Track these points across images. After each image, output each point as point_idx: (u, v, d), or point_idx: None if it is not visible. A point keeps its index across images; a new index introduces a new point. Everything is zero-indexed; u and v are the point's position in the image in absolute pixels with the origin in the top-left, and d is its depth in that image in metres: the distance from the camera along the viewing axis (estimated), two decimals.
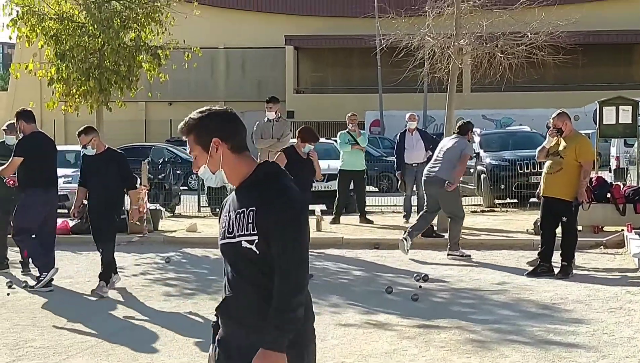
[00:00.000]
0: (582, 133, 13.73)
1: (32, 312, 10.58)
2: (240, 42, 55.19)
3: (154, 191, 20.63)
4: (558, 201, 12.26)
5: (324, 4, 54.97)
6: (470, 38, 17.11)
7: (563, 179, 12.16)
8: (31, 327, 9.79)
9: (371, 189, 25.61)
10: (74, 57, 17.48)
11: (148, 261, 14.50)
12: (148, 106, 54.94)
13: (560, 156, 12.22)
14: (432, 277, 12.37)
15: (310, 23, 54.53)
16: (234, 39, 55.21)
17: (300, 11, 55.33)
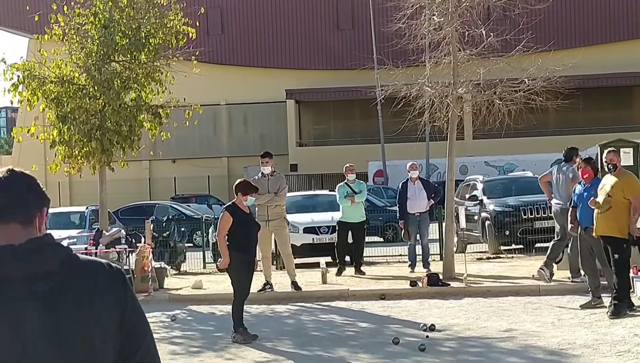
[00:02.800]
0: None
1: None
2: (241, 97, 55.57)
3: (158, 249, 20.65)
4: (610, 239, 12.41)
5: (323, 58, 55.41)
6: (469, 86, 17.24)
7: (614, 217, 12.32)
8: None
9: (376, 240, 25.59)
10: (76, 119, 17.59)
11: (154, 320, 14.46)
12: (152, 164, 55.17)
13: (608, 195, 12.36)
14: (438, 326, 12.32)
15: (310, 76, 54.94)
16: (235, 95, 55.59)
17: (300, 65, 55.78)
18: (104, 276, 2.79)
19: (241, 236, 12.05)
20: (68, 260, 2.73)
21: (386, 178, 46.48)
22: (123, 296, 2.81)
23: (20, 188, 2.85)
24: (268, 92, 54.60)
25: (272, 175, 16.17)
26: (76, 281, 2.72)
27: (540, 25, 27.99)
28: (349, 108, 56.13)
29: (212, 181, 52.53)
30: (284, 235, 16.28)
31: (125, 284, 2.84)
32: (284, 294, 16.06)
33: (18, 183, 2.87)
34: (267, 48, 56.07)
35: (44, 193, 2.97)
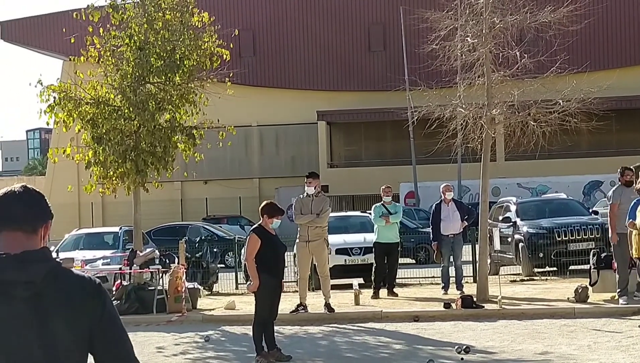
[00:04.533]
0: None
1: None
2: (273, 119, 55.76)
3: (191, 269, 20.70)
4: None
5: (355, 79, 55.49)
6: (502, 107, 17.18)
7: None
8: None
9: (408, 261, 25.51)
10: (111, 140, 17.74)
11: (187, 340, 14.49)
12: (184, 185, 55.40)
13: None
14: (473, 349, 12.25)
15: (342, 98, 55.03)
16: (266, 116, 55.79)
17: (332, 87, 55.89)
18: (81, 289, 3.23)
19: (269, 258, 12.01)
20: (51, 273, 3.18)
21: (418, 200, 46.37)
22: (95, 307, 3.23)
23: (31, 202, 3.30)
24: (299, 114, 54.74)
25: (316, 196, 16.18)
26: (53, 292, 3.17)
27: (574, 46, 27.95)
28: (380, 129, 56.13)
29: (243, 202, 52.65)
30: (323, 257, 16.26)
31: (100, 297, 3.26)
32: (317, 315, 16.04)
33: (29, 198, 3.31)
34: (298, 70, 56.28)
35: (49, 208, 3.41)
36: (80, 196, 52.22)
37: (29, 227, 3.26)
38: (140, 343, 14.25)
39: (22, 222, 3.25)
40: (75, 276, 3.29)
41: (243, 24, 51.20)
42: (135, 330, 15.70)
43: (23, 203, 3.28)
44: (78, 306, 3.20)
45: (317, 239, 16.03)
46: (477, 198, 35.16)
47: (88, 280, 3.30)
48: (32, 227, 3.26)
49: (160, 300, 17.34)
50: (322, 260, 16.27)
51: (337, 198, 48.84)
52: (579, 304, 15.62)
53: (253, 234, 12.25)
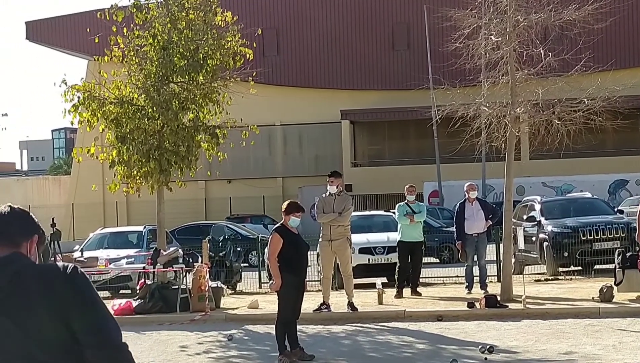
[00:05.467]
0: None
1: None
2: (296, 118, 55.78)
3: (215, 268, 20.73)
4: None
5: (378, 78, 55.42)
6: (527, 106, 17.08)
7: None
8: None
9: (432, 261, 25.44)
10: (135, 140, 17.79)
11: (211, 339, 14.51)
12: (208, 185, 55.57)
13: None
14: (497, 348, 12.19)
15: (365, 97, 54.98)
16: (290, 116, 55.83)
17: (355, 86, 55.84)
18: (46, 282, 3.40)
19: (292, 257, 12.00)
20: (17, 276, 3.39)
21: (442, 199, 46.26)
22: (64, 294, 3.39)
23: (11, 219, 3.54)
24: (323, 113, 54.74)
25: (338, 195, 16.16)
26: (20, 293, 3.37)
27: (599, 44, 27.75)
28: (404, 128, 56.04)
29: (267, 201, 52.70)
30: (346, 256, 16.23)
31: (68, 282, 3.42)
32: (340, 315, 16.02)
33: (10, 216, 3.56)
34: (322, 69, 56.27)
35: (35, 224, 3.65)
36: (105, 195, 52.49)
37: (7, 241, 3.48)
38: (164, 342, 14.29)
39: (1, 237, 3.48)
40: (40, 270, 3.45)
41: (266, 23, 51.27)
42: (158, 329, 15.75)
43: (4, 221, 3.53)
44: (47, 299, 3.38)
45: (340, 238, 16.01)
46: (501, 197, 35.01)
47: (54, 270, 3.47)
48: (11, 241, 3.50)
49: (184, 299, 17.38)
50: (345, 259, 16.24)
51: (361, 197, 48.79)
52: (604, 304, 15.51)
53: (275, 233, 12.24)
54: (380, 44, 55.92)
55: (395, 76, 54.15)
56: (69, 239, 44.58)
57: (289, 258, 11.98)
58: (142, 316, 16.86)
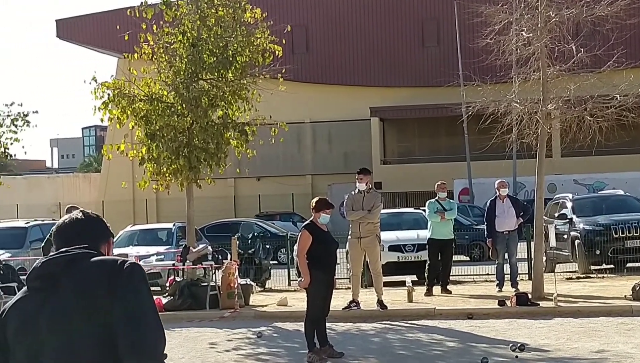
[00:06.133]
0: None
1: None
2: (325, 115, 55.71)
3: (244, 266, 20.72)
4: None
5: (408, 75, 55.22)
6: (558, 102, 16.93)
7: None
8: None
9: (462, 258, 25.29)
10: (164, 137, 17.82)
11: (240, 336, 14.50)
12: (236, 182, 55.64)
13: None
14: (528, 347, 12.08)
15: (395, 94, 54.80)
16: (319, 113, 55.76)
17: (385, 83, 55.66)
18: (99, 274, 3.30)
19: (321, 254, 11.95)
20: (70, 262, 3.34)
21: (472, 196, 46.03)
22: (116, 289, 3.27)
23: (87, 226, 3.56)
24: (352, 110, 54.62)
25: (367, 192, 16.08)
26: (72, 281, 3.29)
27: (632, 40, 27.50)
28: (433, 125, 55.82)
29: (296, 198, 52.68)
30: (375, 253, 16.14)
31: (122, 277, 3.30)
32: (369, 312, 15.95)
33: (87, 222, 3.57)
34: (351, 66, 56.14)
35: (108, 228, 3.66)
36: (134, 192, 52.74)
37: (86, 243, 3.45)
38: (193, 338, 14.30)
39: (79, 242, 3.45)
40: (97, 263, 3.36)
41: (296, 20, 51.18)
42: (188, 325, 15.76)
43: (81, 226, 3.53)
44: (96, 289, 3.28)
45: (369, 235, 15.92)
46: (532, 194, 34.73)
47: (111, 259, 3.39)
48: (90, 244, 3.46)
49: (213, 296, 17.39)
50: (374, 256, 16.16)
51: (390, 195, 48.66)
52: (637, 302, 15.33)
53: (304, 230, 12.19)
54: (410, 40, 55.72)
55: (425, 72, 53.91)
56: None
57: (319, 255, 11.93)
58: (172, 313, 16.88)
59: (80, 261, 3.36)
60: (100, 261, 3.37)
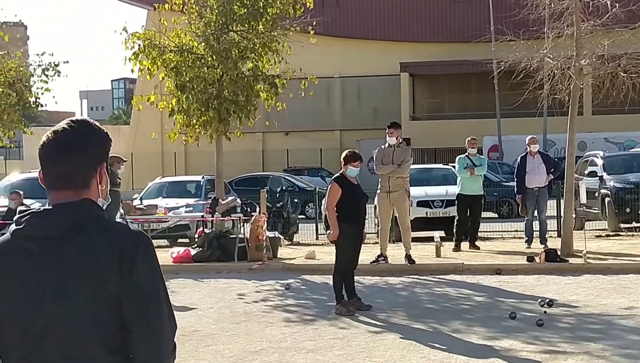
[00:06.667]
0: None
1: None
2: (355, 70, 55.43)
3: (272, 219, 20.78)
4: None
5: (439, 30, 54.74)
6: (592, 58, 16.71)
7: None
8: None
9: (491, 215, 25.23)
10: (194, 89, 17.80)
11: (268, 288, 14.57)
12: (265, 137, 55.66)
13: None
14: (557, 302, 12.05)
15: (426, 49, 54.37)
16: (348, 68, 55.48)
17: (415, 38, 55.22)
18: (110, 248, 2.83)
19: (350, 207, 11.93)
20: (77, 227, 2.84)
21: (501, 153, 45.79)
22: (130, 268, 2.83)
23: (77, 151, 2.91)
24: (382, 66, 54.30)
25: (398, 146, 16.00)
26: (76, 249, 2.83)
27: None
28: (464, 81, 55.40)
29: (324, 154, 52.66)
30: (404, 208, 16.09)
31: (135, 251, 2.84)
32: (397, 267, 15.96)
33: (77, 140, 2.92)
34: (382, 21, 55.71)
35: (104, 143, 3.00)
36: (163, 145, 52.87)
37: (75, 185, 2.91)
38: (222, 289, 14.38)
39: (69, 180, 2.90)
40: (105, 228, 2.89)
41: None
42: (216, 277, 15.86)
43: (71, 149, 2.90)
44: (104, 265, 2.83)
45: (399, 190, 15.87)
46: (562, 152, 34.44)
47: (123, 230, 2.91)
48: (79, 184, 2.91)
49: (242, 248, 17.46)
50: (403, 211, 16.12)
51: (419, 151, 48.49)
52: None
53: (334, 183, 12.17)
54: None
55: (456, 27, 53.40)
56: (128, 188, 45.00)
57: (348, 208, 11.91)
58: (201, 264, 16.98)
59: (85, 228, 2.85)
60: (111, 232, 2.87)
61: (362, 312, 11.88)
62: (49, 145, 2.91)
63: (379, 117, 52.34)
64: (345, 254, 12.06)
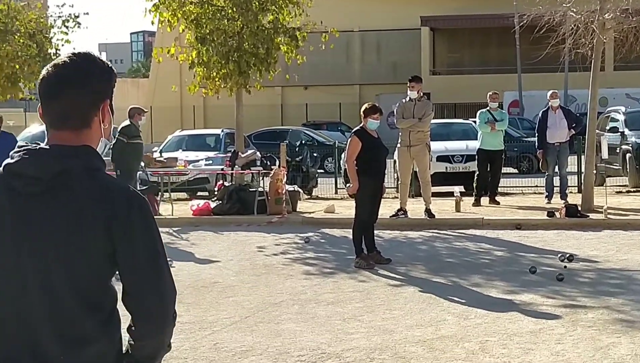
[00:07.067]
0: None
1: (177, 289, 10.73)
2: (375, 24, 55.03)
3: (291, 173, 20.78)
4: None
5: None
6: (616, 12, 16.51)
7: None
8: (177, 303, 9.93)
9: (511, 171, 25.15)
10: (214, 41, 17.73)
11: (287, 241, 14.61)
12: (284, 91, 55.51)
13: None
14: (577, 257, 12.03)
15: (446, 3, 53.84)
16: (368, 22, 55.08)
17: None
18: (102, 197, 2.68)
19: (370, 161, 11.90)
20: (68, 173, 2.66)
21: (522, 109, 45.55)
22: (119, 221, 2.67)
23: (77, 86, 2.73)
24: (402, 20, 53.88)
25: (419, 100, 15.92)
26: (66, 195, 2.66)
27: None
28: (485, 36, 54.94)
29: (343, 108, 52.50)
30: (424, 162, 16.04)
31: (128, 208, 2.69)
32: (417, 221, 15.95)
33: (75, 81, 2.73)
34: None
35: (107, 79, 2.81)
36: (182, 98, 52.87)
37: (74, 125, 2.74)
38: (242, 242, 14.43)
39: (67, 117, 2.73)
40: (100, 182, 2.71)
41: None
42: (236, 230, 15.91)
43: (70, 84, 2.73)
44: (94, 220, 2.65)
45: (419, 144, 15.82)
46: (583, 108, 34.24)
47: (118, 188, 2.73)
48: (79, 123, 2.74)
49: (261, 202, 17.48)
50: (423, 165, 16.08)
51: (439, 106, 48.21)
52: None
53: (354, 136, 12.13)
54: None
55: None
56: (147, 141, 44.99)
57: (367, 161, 11.89)
58: (220, 217, 17.03)
59: (79, 176, 2.68)
60: (107, 187, 2.70)
61: (382, 266, 11.90)
62: (49, 79, 2.75)
63: (398, 72, 52.06)
64: (364, 207, 12.05)
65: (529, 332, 8.22)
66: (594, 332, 8.12)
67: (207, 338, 8.30)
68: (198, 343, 8.15)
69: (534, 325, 8.45)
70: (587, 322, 8.53)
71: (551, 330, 8.26)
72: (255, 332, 8.48)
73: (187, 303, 9.92)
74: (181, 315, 9.23)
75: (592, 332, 8.14)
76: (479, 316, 8.89)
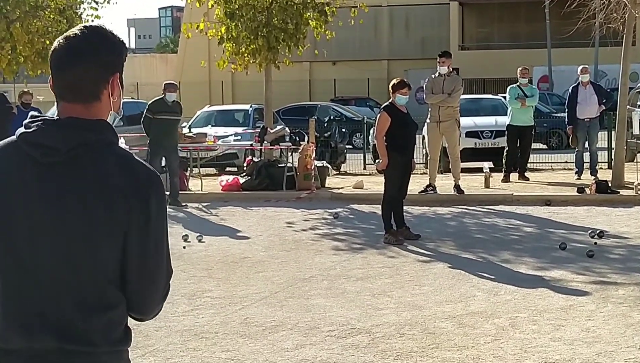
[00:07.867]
0: None
1: (207, 264, 10.86)
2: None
3: (320, 148, 20.78)
4: None
5: None
6: None
7: None
8: (207, 278, 10.05)
9: (540, 146, 25.01)
10: (243, 16, 17.72)
11: (316, 216, 14.64)
12: (312, 66, 55.42)
13: None
14: (607, 234, 11.98)
15: None
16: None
17: None
18: (122, 176, 2.64)
19: (399, 136, 11.87)
20: (88, 146, 2.64)
21: (551, 84, 45.23)
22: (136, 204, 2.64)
23: (86, 59, 2.69)
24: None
25: (448, 75, 15.86)
26: (83, 169, 2.64)
27: None
28: (514, 10, 54.52)
29: (371, 83, 52.37)
30: (454, 138, 15.99)
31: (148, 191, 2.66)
32: (446, 197, 15.93)
33: (86, 53, 2.69)
34: None
35: (118, 52, 2.77)
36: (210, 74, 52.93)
37: (84, 98, 2.71)
38: (271, 218, 14.49)
39: (78, 90, 2.70)
40: (119, 155, 2.70)
41: None
42: (265, 205, 15.96)
43: (80, 56, 2.69)
44: (116, 192, 2.63)
45: (449, 119, 15.77)
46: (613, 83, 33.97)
47: (137, 162, 2.70)
48: (88, 97, 2.71)
49: (290, 177, 17.51)
50: (452, 140, 16.03)
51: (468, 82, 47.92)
52: None
53: (383, 111, 12.11)
54: None
55: None
56: None
57: (397, 137, 11.86)
58: (249, 192, 17.08)
59: (98, 148, 2.67)
60: (127, 161, 2.69)
61: (411, 241, 11.91)
62: (59, 50, 2.72)
63: (427, 47, 51.86)
64: (394, 183, 12.05)
65: (559, 308, 8.22)
66: (624, 309, 8.10)
67: (238, 313, 8.36)
68: (228, 318, 8.21)
69: (564, 302, 8.44)
70: (617, 298, 8.51)
71: (581, 306, 8.25)
72: (285, 307, 8.53)
73: (218, 278, 9.99)
74: (211, 290, 9.33)
75: (622, 308, 8.12)
76: (509, 293, 8.89)
